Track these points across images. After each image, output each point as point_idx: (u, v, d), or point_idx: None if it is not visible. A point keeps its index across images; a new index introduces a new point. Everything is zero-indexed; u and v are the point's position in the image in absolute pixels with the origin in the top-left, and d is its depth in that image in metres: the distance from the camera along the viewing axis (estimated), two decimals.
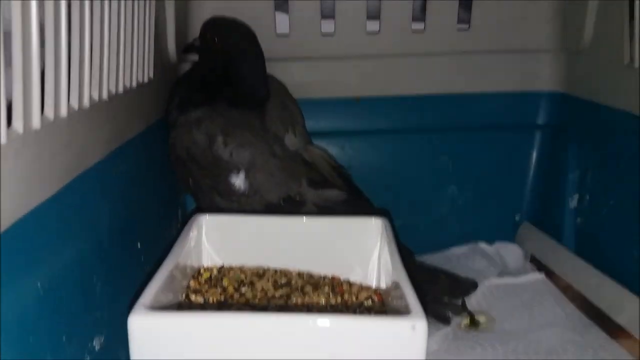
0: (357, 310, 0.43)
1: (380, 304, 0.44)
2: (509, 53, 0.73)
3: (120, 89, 0.47)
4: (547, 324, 0.56)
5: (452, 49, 0.73)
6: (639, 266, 0.54)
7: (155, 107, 0.61)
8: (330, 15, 0.72)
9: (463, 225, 0.76)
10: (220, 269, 0.48)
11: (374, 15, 0.72)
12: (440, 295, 0.59)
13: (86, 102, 0.39)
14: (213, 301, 0.42)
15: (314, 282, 0.47)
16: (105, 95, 0.43)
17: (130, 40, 0.50)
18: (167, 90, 0.65)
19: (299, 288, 0.45)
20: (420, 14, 0.73)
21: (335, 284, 0.47)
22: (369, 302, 0.45)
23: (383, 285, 0.47)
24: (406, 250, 0.64)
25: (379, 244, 0.49)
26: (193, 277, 0.46)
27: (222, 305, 0.41)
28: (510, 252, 0.73)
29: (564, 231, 0.68)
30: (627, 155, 0.58)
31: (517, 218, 0.76)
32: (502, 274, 0.68)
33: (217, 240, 0.50)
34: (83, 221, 0.38)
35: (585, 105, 0.66)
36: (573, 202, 0.67)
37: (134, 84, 0.51)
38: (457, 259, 0.72)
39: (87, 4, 0.38)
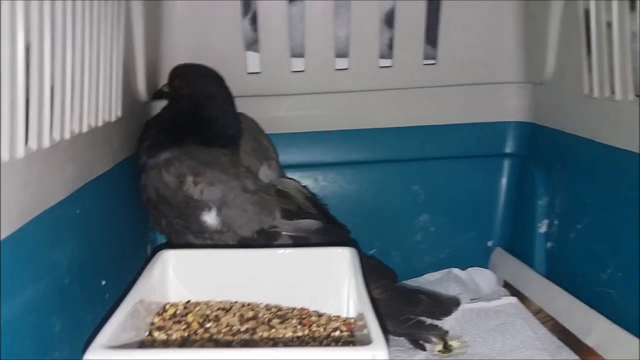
0: (324, 342, 0.43)
1: (348, 335, 0.44)
2: (476, 85, 0.75)
3: (85, 128, 0.48)
4: (519, 346, 0.56)
5: (419, 83, 0.75)
6: (607, 288, 0.54)
7: (125, 144, 0.61)
8: (300, 53, 0.74)
9: (436, 253, 0.76)
10: (187, 305, 0.48)
11: (342, 53, 0.74)
12: (422, 317, 0.59)
13: (46, 142, 0.40)
14: (176, 338, 0.42)
15: (282, 315, 0.47)
16: (67, 135, 0.44)
17: (96, 80, 0.50)
18: (137, 127, 0.65)
19: (266, 322, 0.45)
20: (387, 51, 0.75)
21: (304, 316, 0.47)
22: (337, 333, 0.44)
23: (352, 315, 0.47)
24: (388, 272, 0.65)
25: (348, 273, 0.49)
26: (158, 313, 0.46)
27: (185, 342, 0.41)
28: (484, 278, 0.73)
29: (534, 256, 0.68)
30: (591, 180, 0.59)
31: (489, 244, 0.77)
32: (476, 299, 0.68)
33: (184, 275, 0.50)
34: (41, 261, 0.38)
35: (551, 134, 0.68)
36: (543, 228, 0.68)
37: (100, 123, 0.52)
38: (430, 285, 0.72)
39: (47, 44, 0.39)
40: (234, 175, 0.61)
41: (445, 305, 0.61)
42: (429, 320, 0.59)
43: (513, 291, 0.68)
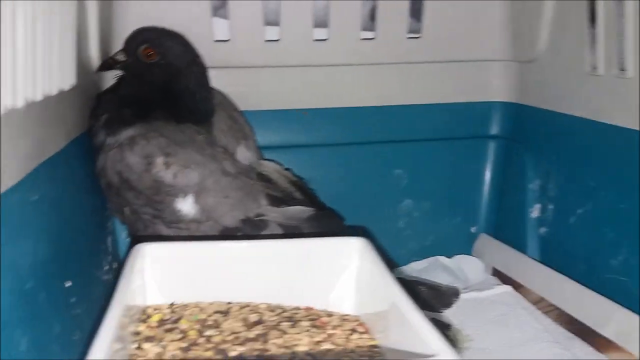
0: (347, 349, 0.36)
1: (369, 337, 0.38)
2: (461, 63, 0.71)
3: (39, 95, 0.38)
4: (528, 339, 0.53)
5: (402, 59, 0.69)
6: (619, 275, 0.52)
7: (78, 119, 0.52)
8: (275, 21, 0.66)
9: (420, 240, 0.72)
10: (173, 309, 0.40)
11: (321, 23, 0.67)
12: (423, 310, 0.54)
13: None
14: (173, 350, 0.34)
15: (289, 317, 0.40)
16: (20, 102, 0.35)
17: (49, 40, 0.41)
18: (90, 100, 0.56)
19: (275, 326, 0.38)
20: (369, 24, 0.69)
21: (313, 317, 0.40)
22: (356, 336, 0.38)
23: (365, 312, 0.41)
24: (390, 263, 0.59)
25: (357, 266, 0.43)
26: (140, 320, 0.38)
27: (186, 355, 0.33)
28: (471, 265, 0.70)
29: (526, 242, 0.65)
30: (594, 162, 0.56)
31: (473, 230, 0.74)
32: (466, 288, 0.65)
33: (163, 273, 0.42)
34: (3, 261, 0.29)
35: (541, 115, 0.65)
36: (535, 212, 0.65)
37: (55, 90, 0.42)
38: (418, 274, 0.67)
39: None
40: (211, 156, 0.53)
41: (445, 296, 0.57)
42: (429, 314, 0.54)
43: (504, 279, 0.65)
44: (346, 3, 0.66)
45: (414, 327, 0.32)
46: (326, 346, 0.36)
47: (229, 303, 0.41)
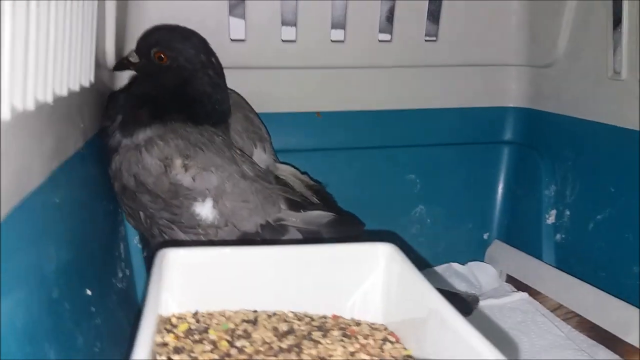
0: (381, 357, 0.35)
1: (402, 347, 0.37)
2: (476, 67, 0.70)
3: (64, 90, 0.37)
4: (551, 347, 0.52)
5: (419, 61, 0.69)
6: None
7: (93, 118, 0.50)
8: (292, 22, 0.65)
9: (432, 246, 0.72)
10: (197, 317, 0.39)
11: (339, 24, 0.66)
12: None
13: (30, 103, 0.29)
14: None
15: (319, 326, 0.38)
16: (50, 97, 0.33)
17: (76, 35, 0.39)
18: (103, 99, 0.54)
19: (307, 335, 0.37)
20: (387, 26, 0.69)
21: (343, 326, 0.39)
22: (390, 346, 0.37)
23: (395, 321, 0.40)
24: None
25: (385, 272, 0.42)
26: (166, 329, 0.36)
27: None
28: (484, 272, 0.69)
29: (542, 248, 0.65)
30: (615, 168, 0.56)
31: (485, 237, 0.73)
32: (482, 295, 0.64)
33: (186, 280, 0.40)
34: (28, 268, 0.28)
35: (557, 120, 0.64)
36: (550, 219, 0.65)
37: (77, 86, 0.41)
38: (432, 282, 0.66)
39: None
40: (229, 158, 0.51)
41: (465, 303, 0.56)
42: None
43: (519, 286, 0.64)
44: (364, 4, 0.65)
45: (461, 335, 0.31)
46: (361, 357, 0.35)
47: (255, 311, 0.40)
